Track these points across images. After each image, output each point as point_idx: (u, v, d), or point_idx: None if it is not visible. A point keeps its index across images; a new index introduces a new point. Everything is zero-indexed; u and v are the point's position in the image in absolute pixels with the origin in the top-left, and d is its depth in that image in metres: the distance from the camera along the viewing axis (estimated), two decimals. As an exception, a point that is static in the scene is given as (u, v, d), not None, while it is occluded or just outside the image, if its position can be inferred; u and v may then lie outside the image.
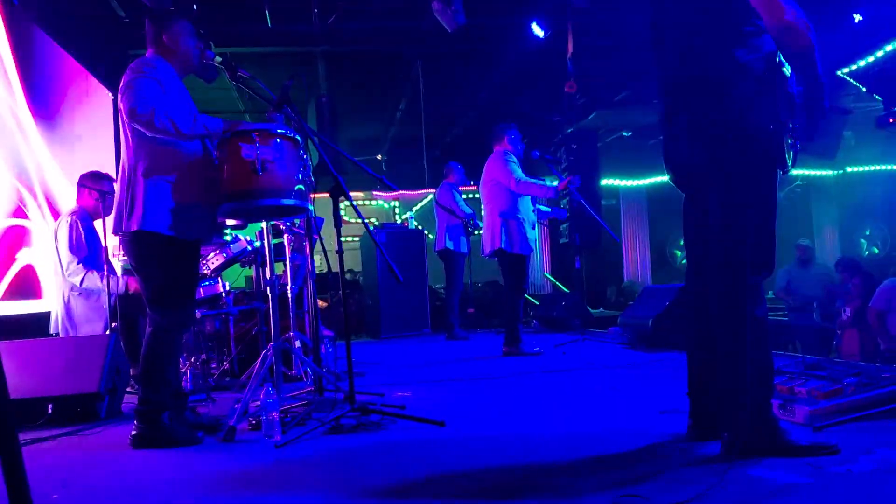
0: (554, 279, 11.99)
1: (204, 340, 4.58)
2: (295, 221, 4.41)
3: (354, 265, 9.70)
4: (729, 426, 2.20)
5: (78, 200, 4.64)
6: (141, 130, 2.81)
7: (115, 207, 2.94)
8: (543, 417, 3.15)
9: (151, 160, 2.86)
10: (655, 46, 2.54)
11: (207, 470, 2.48)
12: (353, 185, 3.26)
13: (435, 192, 7.86)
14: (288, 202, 2.95)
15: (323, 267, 3.81)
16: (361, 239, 9.39)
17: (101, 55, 6.81)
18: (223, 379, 4.56)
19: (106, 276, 4.17)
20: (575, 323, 7.57)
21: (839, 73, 8.10)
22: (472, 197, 10.84)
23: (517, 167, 5.54)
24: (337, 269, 3.19)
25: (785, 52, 2.25)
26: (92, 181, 4.57)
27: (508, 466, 2.34)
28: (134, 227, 2.81)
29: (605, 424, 2.91)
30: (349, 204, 3.07)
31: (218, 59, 3.14)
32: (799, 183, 13.01)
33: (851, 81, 8.29)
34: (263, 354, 3.33)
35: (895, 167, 12.21)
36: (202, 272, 4.43)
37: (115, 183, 4.39)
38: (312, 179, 3.14)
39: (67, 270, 4.43)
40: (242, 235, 4.55)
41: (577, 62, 7.72)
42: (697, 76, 2.33)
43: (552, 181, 5.63)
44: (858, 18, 7.22)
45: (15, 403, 1.07)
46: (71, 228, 4.46)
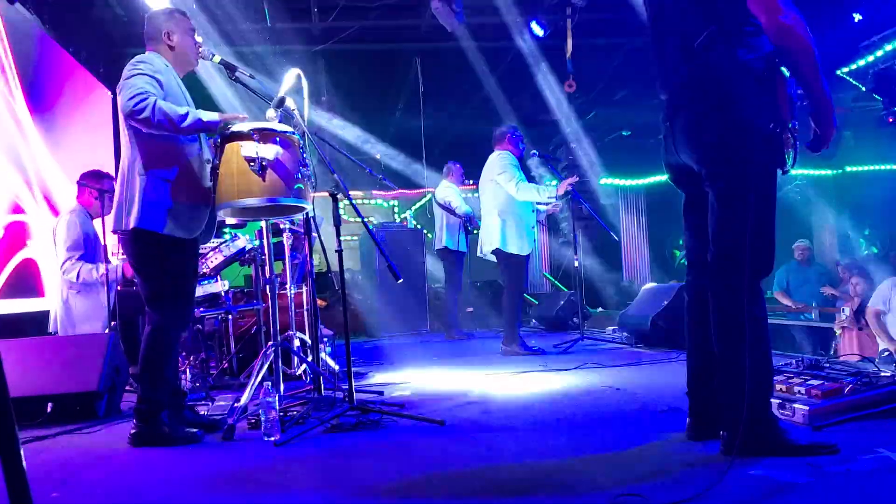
0: (553, 278, 11.99)
1: (203, 339, 4.57)
2: (294, 220, 4.41)
3: (353, 264, 9.70)
4: (728, 425, 2.20)
5: (78, 199, 4.64)
6: (138, 128, 2.81)
7: (114, 205, 2.94)
8: (542, 417, 3.15)
9: (149, 158, 2.86)
10: (655, 46, 2.54)
11: (206, 469, 2.48)
12: (352, 184, 3.25)
13: (434, 191, 7.86)
14: (287, 201, 2.95)
15: (322, 266, 3.81)
16: (360, 238, 9.40)
17: (100, 53, 6.81)
18: (222, 378, 4.55)
19: (106, 275, 4.17)
20: (574, 322, 7.56)
21: (839, 72, 8.11)
22: (471, 196, 10.85)
23: (519, 171, 5.51)
24: (336, 267, 3.19)
25: (783, 55, 2.24)
26: (92, 180, 4.57)
27: (507, 465, 2.35)
28: (131, 224, 2.81)
29: (604, 424, 2.91)
30: (348, 203, 3.07)
31: (217, 57, 3.14)
32: (798, 182, 13.00)
33: (851, 81, 8.30)
34: (263, 353, 3.33)
35: (894, 167, 12.21)
36: (201, 271, 4.43)
37: (115, 182, 4.39)
38: (312, 178, 3.14)
39: (63, 268, 4.43)
40: (242, 234, 4.54)
41: (576, 61, 7.72)
42: (697, 75, 2.33)
43: (551, 180, 5.63)
44: (858, 18, 7.23)
45: (14, 402, 1.06)
46: (69, 226, 4.46)
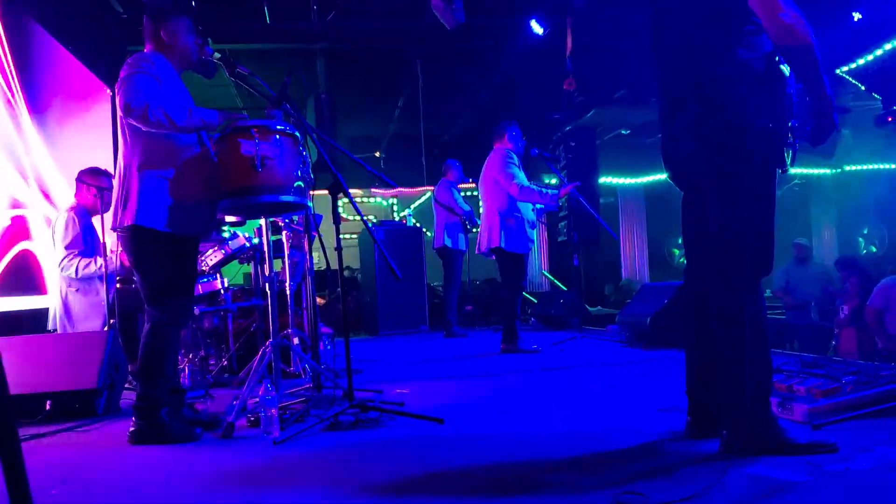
0: (552, 277, 12.00)
1: (202, 337, 4.58)
2: (293, 218, 4.41)
3: (353, 262, 9.70)
4: (728, 424, 2.21)
5: (76, 196, 4.63)
6: (137, 126, 2.81)
7: (112, 203, 2.94)
8: (542, 415, 3.16)
9: (148, 156, 2.85)
10: (655, 44, 2.54)
11: (205, 466, 2.48)
12: (351, 182, 3.25)
13: (433, 189, 7.86)
14: (287, 199, 2.94)
15: (321, 264, 3.81)
16: (360, 236, 9.39)
17: (99, 51, 6.79)
18: (221, 375, 4.56)
19: (105, 269, 4.17)
20: (573, 321, 7.57)
21: (838, 71, 8.10)
22: (470, 195, 10.85)
23: (519, 171, 5.48)
24: (335, 266, 3.19)
25: (784, 53, 2.24)
26: (90, 177, 4.57)
27: (507, 464, 2.35)
28: (128, 221, 2.80)
29: (603, 422, 2.92)
30: (348, 201, 3.06)
31: (217, 55, 3.14)
32: (797, 182, 13.01)
33: (850, 80, 8.30)
34: (262, 351, 3.33)
35: (893, 166, 12.22)
36: (200, 268, 4.43)
37: (113, 179, 4.39)
38: (311, 176, 3.14)
39: (61, 265, 4.43)
40: (241, 232, 4.54)
41: (575, 60, 7.71)
42: (697, 74, 2.32)
43: (550, 179, 5.62)
44: (858, 17, 7.22)
45: (13, 399, 1.06)
46: (67, 223, 4.45)
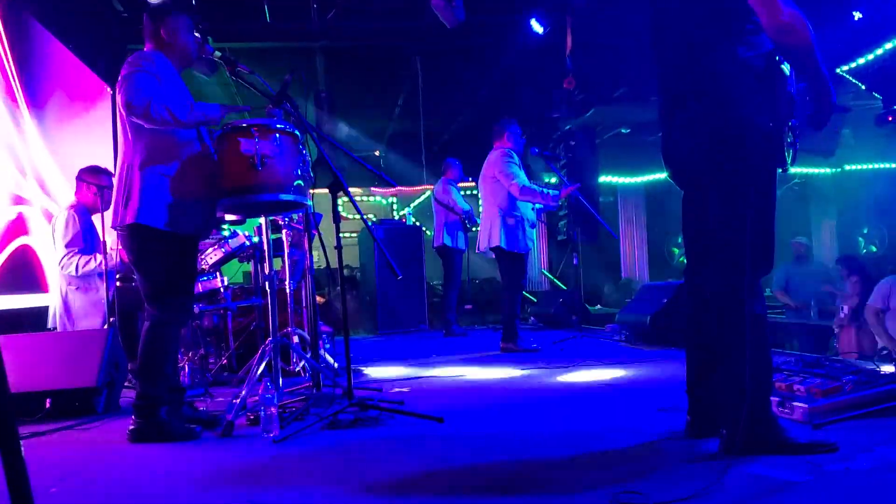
0: (552, 276, 12.00)
1: (202, 335, 4.58)
2: (293, 217, 4.40)
3: (352, 261, 9.70)
4: (728, 423, 2.20)
5: (76, 195, 4.63)
6: (139, 124, 2.80)
7: (112, 202, 2.93)
8: (541, 414, 3.16)
9: (149, 154, 2.85)
10: (655, 43, 2.54)
11: (205, 465, 2.48)
12: (351, 180, 3.25)
13: (433, 188, 7.86)
14: (287, 197, 2.94)
15: (321, 262, 3.81)
16: (359, 235, 9.39)
17: (99, 50, 6.79)
18: (221, 374, 4.56)
19: (104, 267, 4.16)
20: (572, 320, 7.57)
21: (838, 70, 8.09)
22: (470, 194, 10.84)
23: (520, 170, 5.47)
24: (335, 264, 3.19)
25: (784, 50, 2.24)
26: (90, 175, 4.56)
27: (507, 462, 2.35)
28: (130, 219, 2.80)
29: (603, 421, 2.92)
30: (347, 199, 3.06)
31: (217, 53, 3.14)
32: (797, 181, 13.00)
33: (851, 79, 8.29)
34: (262, 350, 3.33)
35: (894, 165, 12.22)
36: (200, 267, 4.43)
37: (113, 178, 4.38)
38: (311, 175, 3.14)
39: (60, 263, 4.42)
40: (241, 231, 4.54)
41: (575, 58, 7.71)
42: (697, 73, 2.32)
43: (550, 178, 5.61)
44: (858, 16, 7.22)
45: (13, 397, 1.06)
46: (67, 222, 4.45)
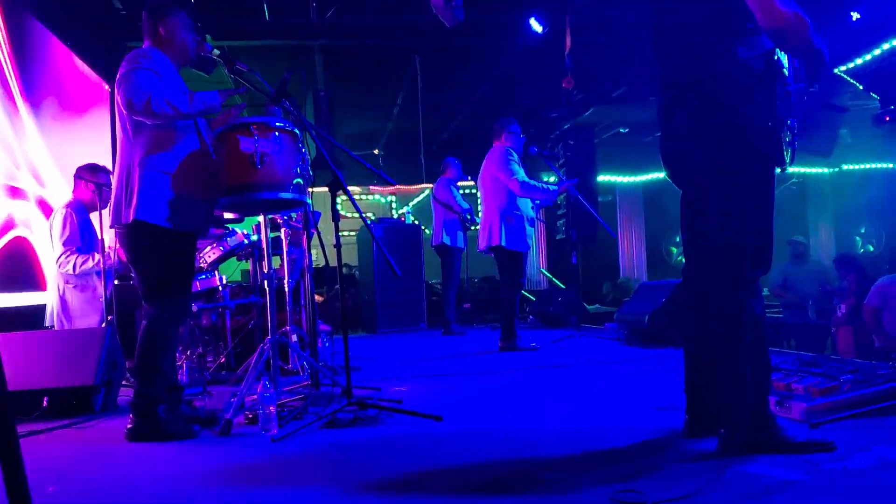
0: (550, 275, 12.01)
1: (200, 334, 4.57)
2: (292, 215, 4.40)
3: (351, 260, 9.69)
4: (726, 422, 2.21)
5: (74, 192, 4.62)
6: (138, 122, 2.80)
7: (112, 200, 2.93)
8: (540, 413, 3.16)
9: (148, 152, 2.85)
10: (655, 43, 2.54)
11: (203, 464, 2.48)
12: (350, 179, 3.25)
13: (432, 186, 7.86)
14: (286, 196, 2.94)
15: (320, 261, 3.81)
16: (358, 233, 9.39)
17: (98, 47, 6.78)
18: (219, 373, 4.55)
19: (102, 266, 4.16)
20: (571, 319, 7.56)
21: (837, 70, 8.10)
22: (469, 192, 10.84)
23: (519, 168, 5.48)
24: (334, 263, 3.19)
25: (781, 48, 2.25)
26: (89, 173, 4.55)
27: (505, 461, 2.35)
28: (130, 217, 2.79)
29: (601, 420, 2.92)
30: (346, 198, 3.06)
31: (216, 51, 3.13)
32: (795, 180, 13.04)
33: (848, 79, 8.30)
34: (260, 348, 3.33)
35: (891, 165, 12.24)
36: (199, 265, 4.42)
37: (111, 175, 4.38)
38: (310, 173, 3.14)
39: (58, 261, 4.42)
40: (240, 229, 4.53)
41: (575, 58, 7.71)
42: (696, 73, 2.32)
43: (548, 177, 5.61)
44: (856, 16, 7.22)
45: (10, 396, 1.06)
46: (65, 220, 4.44)
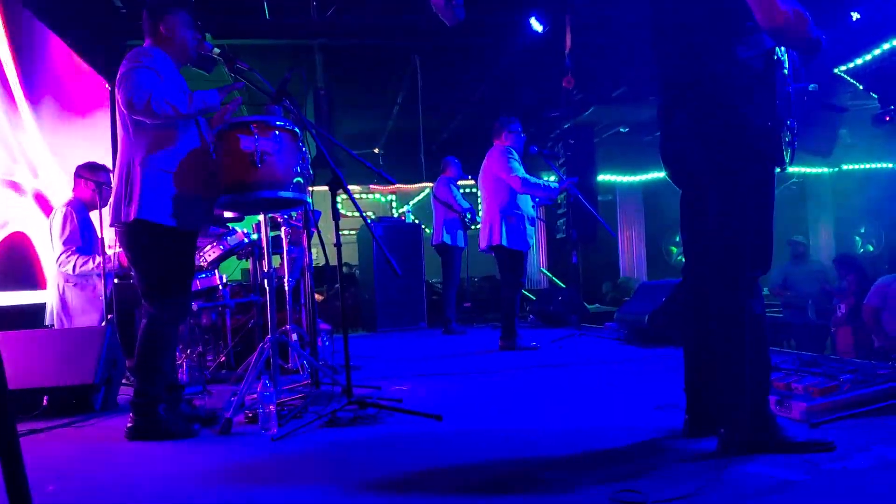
0: (550, 274, 12.01)
1: (200, 333, 4.57)
2: (292, 214, 4.40)
3: (351, 259, 9.69)
4: (726, 422, 2.21)
5: (74, 191, 4.61)
6: (139, 121, 2.80)
7: (112, 198, 2.93)
8: (540, 412, 3.16)
9: (149, 150, 2.85)
10: (655, 42, 2.54)
11: (203, 463, 2.48)
12: (350, 178, 3.25)
13: (432, 186, 7.85)
14: (286, 194, 2.94)
15: (320, 260, 3.81)
16: (358, 232, 9.39)
17: (98, 46, 6.77)
18: (219, 371, 4.55)
19: (102, 265, 4.15)
20: (571, 318, 7.55)
21: (836, 70, 8.10)
22: (469, 191, 10.84)
23: (520, 166, 5.48)
24: (334, 262, 3.19)
25: (782, 44, 2.25)
26: (88, 172, 4.54)
27: (505, 461, 2.35)
28: (132, 216, 2.79)
29: (601, 420, 2.92)
30: (347, 197, 3.06)
31: (216, 50, 3.13)
32: (795, 181, 13.04)
33: (848, 79, 8.30)
34: (260, 347, 3.32)
35: (890, 165, 12.24)
36: (199, 264, 4.42)
37: (111, 174, 4.37)
38: (311, 172, 3.13)
39: (58, 260, 4.41)
40: (240, 228, 4.53)
41: (575, 58, 7.71)
42: (696, 73, 2.32)
43: (548, 177, 5.61)
44: (856, 17, 7.22)
45: (10, 394, 1.06)
46: (65, 219, 4.43)
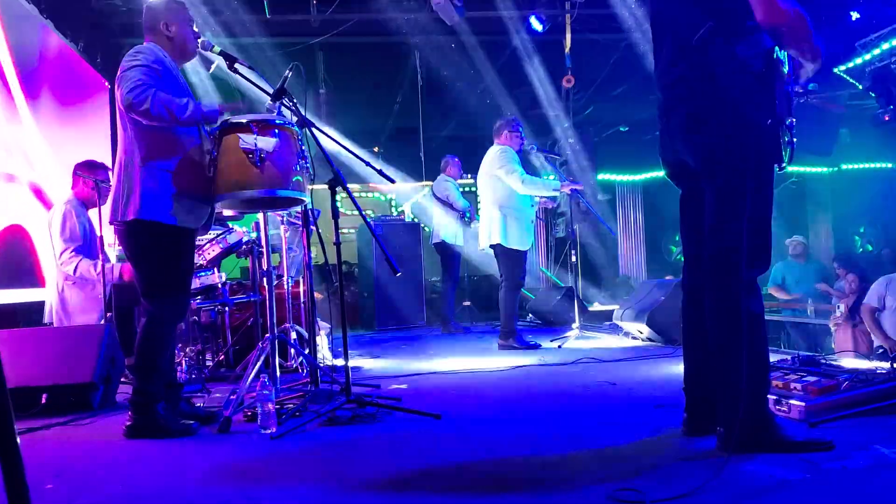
0: (550, 273, 12.00)
1: (199, 331, 4.57)
2: (292, 213, 4.40)
3: (350, 257, 9.70)
4: (724, 421, 2.21)
5: (73, 189, 4.61)
6: (138, 119, 2.80)
7: (111, 197, 2.93)
8: (539, 411, 3.16)
9: (149, 149, 2.84)
10: (654, 41, 2.54)
11: (202, 461, 2.47)
12: (349, 176, 3.24)
13: (432, 184, 7.85)
14: (285, 193, 2.94)
15: (319, 258, 3.81)
16: (357, 231, 9.39)
17: (98, 44, 6.77)
18: (218, 370, 4.55)
19: (101, 264, 4.15)
20: (570, 317, 7.56)
21: (835, 70, 8.11)
22: (469, 190, 10.83)
23: (520, 166, 5.49)
24: (334, 260, 3.18)
25: (781, 44, 2.25)
26: (87, 170, 4.54)
27: (504, 459, 2.35)
28: (131, 215, 2.79)
29: (600, 418, 2.92)
30: (346, 195, 3.06)
31: (216, 48, 3.13)
32: (794, 180, 13.03)
33: (847, 79, 8.31)
34: (259, 346, 3.32)
35: (890, 165, 12.24)
36: (198, 262, 4.42)
37: (110, 172, 4.37)
38: (310, 170, 3.13)
39: (60, 259, 4.41)
40: (239, 226, 4.53)
41: (574, 56, 7.70)
42: (696, 72, 2.33)
43: (548, 176, 5.62)
44: (856, 16, 7.23)
45: (9, 392, 1.06)
46: (65, 217, 4.43)
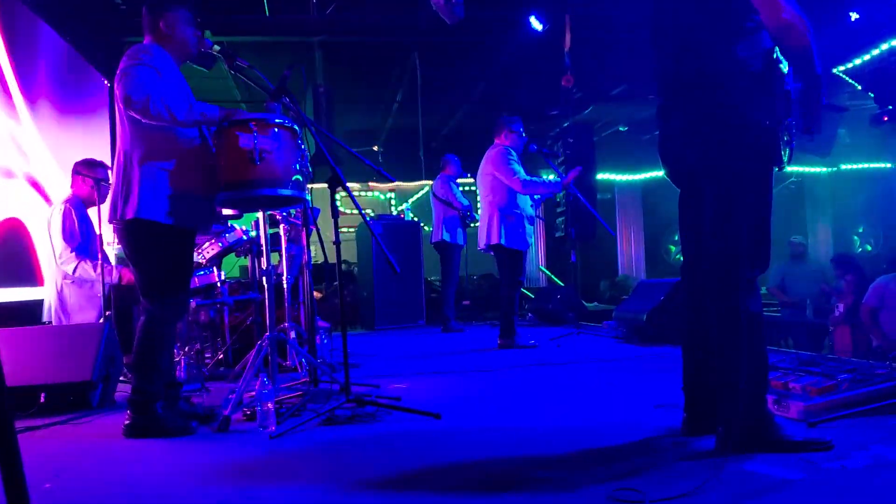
0: (549, 273, 12.01)
1: (198, 330, 4.57)
2: (291, 212, 4.40)
3: (350, 256, 9.70)
4: (724, 421, 2.21)
5: (72, 188, 4.61)
6: (138, 118, 2.79)
7: (110, 195, 2.93)
8: (538, 410, 3.16)
9: (148, 148, 2.84)
10: (654, 41, 2.54)
11: (201, 460, 2.47)
12: (349, 175, 3.23)
13: (432, 183, 7.85)
14: (285, 192, 2.94)
15: (319, 257, 3.81)
16: (357, 230, 9.39)
17: (97, 42, 6.76)
18: (217, 369, 4.55)
19: (100, 265, 4.15)
20: (570, 316, 7.56)
21: (835, 70, 8.12)
22: (469, 189, 10.84)
23: (520, 167, 5.48)
24: (333, 259, 3.18)
25: (782, 49, 2.25)
26: (86, 169, 4.54)
27: (504, 459, 2.35)
28: (129, 214, 2.79)
29: (600, 418, 2.92)
30: (346, 195, 3.05)
31: (216, 47, 3.13)
32: (793, 180, 13.04)
33: (847, 79, 8.32)
34: (258, 345, 3.32)
35: (889, 165, 12.25)
36: (197, 261, 4.42)
37: (109, 171, 4.37)
38: (310, 170, 3.13)
39: (60, 258, 4.41)
40: (238, 225, 4.53)
41: (574, 56, 7.71)
42: (695, 72, 2.33)
43: (547, 175, 5.61)
44: (855, 16, 7.23)
45: (7, 391, 1.06)
46: (64, 216, 4.43)
